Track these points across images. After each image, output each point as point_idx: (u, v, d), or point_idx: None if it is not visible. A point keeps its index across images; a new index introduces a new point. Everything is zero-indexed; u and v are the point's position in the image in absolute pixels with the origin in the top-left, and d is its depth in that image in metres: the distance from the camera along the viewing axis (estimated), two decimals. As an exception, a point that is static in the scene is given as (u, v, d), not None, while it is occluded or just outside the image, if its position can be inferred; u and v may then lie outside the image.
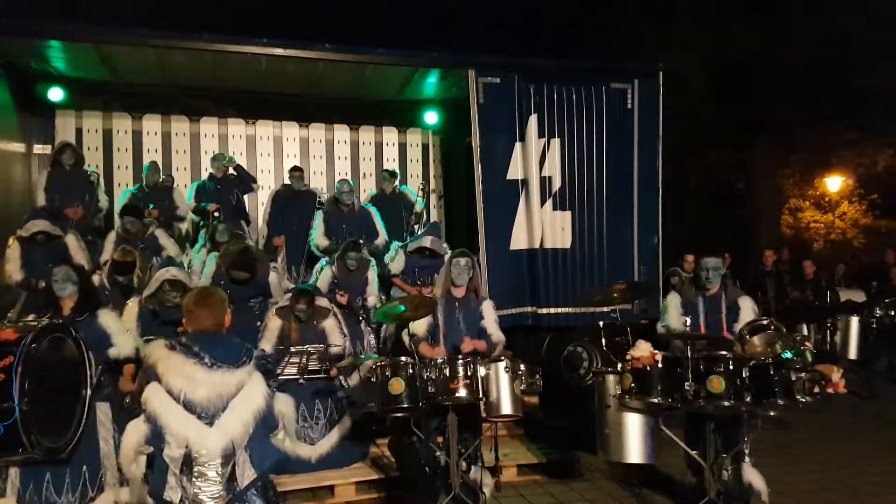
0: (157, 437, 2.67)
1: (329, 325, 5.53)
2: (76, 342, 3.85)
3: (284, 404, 3.36)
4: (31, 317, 4.14)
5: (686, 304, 4.79)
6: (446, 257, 5.29)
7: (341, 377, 5.64)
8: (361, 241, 6.65)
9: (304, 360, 4.89)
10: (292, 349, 5.01)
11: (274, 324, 5.41)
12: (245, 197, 7.93)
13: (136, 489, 3.07)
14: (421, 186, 8.37)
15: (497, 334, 4.94)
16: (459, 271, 4.87)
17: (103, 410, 4.06)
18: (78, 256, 6.35)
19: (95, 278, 5.75)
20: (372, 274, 6.62)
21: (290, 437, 3.55)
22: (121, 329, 4.27)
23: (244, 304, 5.84)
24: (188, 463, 2.67)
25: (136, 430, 2.78)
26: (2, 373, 3.39)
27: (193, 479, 2.67)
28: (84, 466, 3.90)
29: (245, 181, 7.74)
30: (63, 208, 6.88)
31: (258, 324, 5.63)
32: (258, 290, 6.07)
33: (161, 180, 7.55)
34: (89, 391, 3.85)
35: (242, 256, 5.95)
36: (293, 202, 7.70)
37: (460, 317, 4.87)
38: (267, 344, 5.30)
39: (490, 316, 4.96)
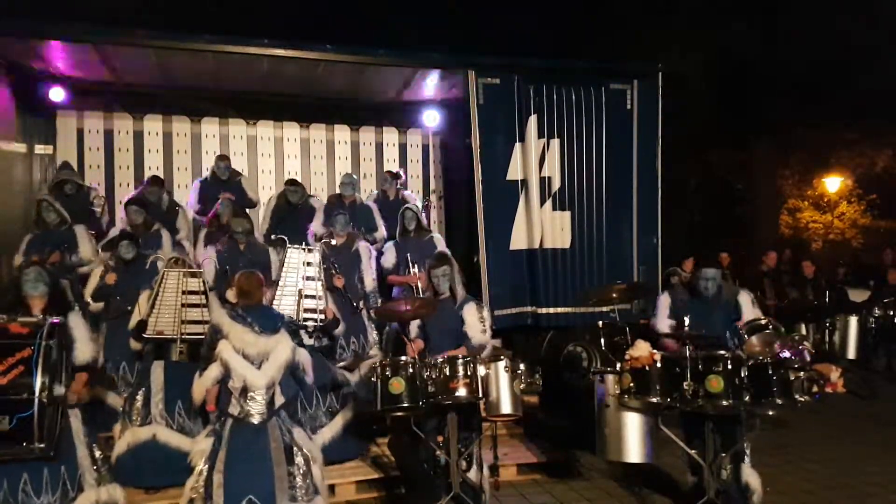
0: (225, 375, 3.99)
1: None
2: (58, 343, 3.80)
3: (303, 356, 4.27)
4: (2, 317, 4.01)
5: (679, 304, 4.80)
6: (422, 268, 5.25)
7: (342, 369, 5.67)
8: (361, 229, 6.68)
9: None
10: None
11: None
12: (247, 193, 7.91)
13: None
14: (425, 202, 8.36)
15: (477, 337, 4.66)
16: (438, 282, 4.79)
17: (75, 413, 4.03)
18: (84, 246, 6.44)
19: (99, 270, 5.85)
20: (362, 246, 6.61)
21: (309, 378, 4.41)
22: (85, 336, 4.17)
23: None
24: (244, 391, 3.95)
25: (213, 370, 4.00)
26: (21, 364, 3.40)
27: (247, 400, 3.95)
28: (62, 467, 3.85)
29: (244, 202, 7.71)
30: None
31: None
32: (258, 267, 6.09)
33: (163, 201, 7.43)
34: (63, 390, 3.80)
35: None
36: (291, 216, 7.59)
37: (447, 320, 4.79)
38: None
39: (470, 319, 4.71)
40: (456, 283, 4.86)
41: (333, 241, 6.53)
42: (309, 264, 5.64)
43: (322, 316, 5.50)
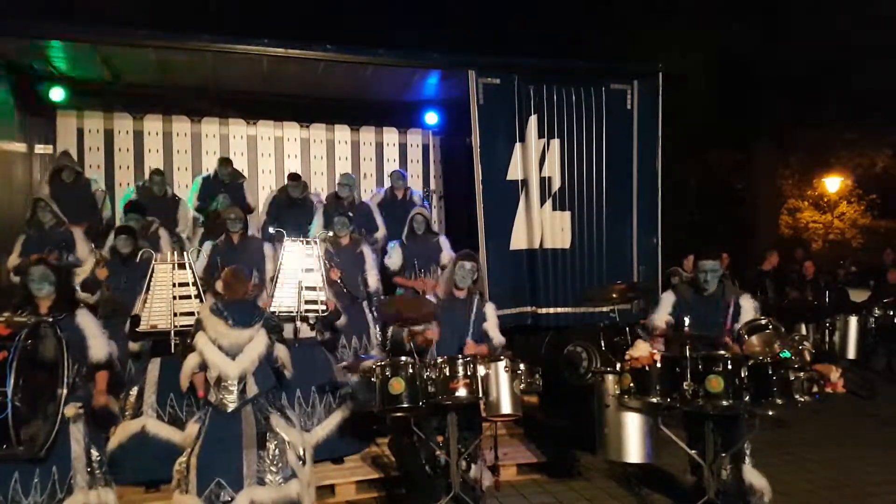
0: (202, 364, 4.29)
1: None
2: (59, 341, 3.82)
3: (282, 352, 4.55)
4: (5, 314, 3.99)
5: (682, 303, 4.79)
6: (450, 260, 5.30)
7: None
8: (362, 231, 6.68)
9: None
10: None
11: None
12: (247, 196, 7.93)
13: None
14: (425, 193, 8.39)
15: (498, 337, 4.95)
16: (464, 275, 4.87)
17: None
18: (82, 247, 6.47)
19: (91, 261, 5.89)
20: (367, 249, 6.59)
21: (288, 372, 4.63)
22: (96, 332, 4.21)
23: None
24: (218, 380, 4.24)
25: (193, 358, 4.31)
26: None
27: (221, 389, 4.23)
28: (54, 467, 3.80)
29: (242, 206, 7.70)
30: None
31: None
32: (252, 261, 6.08)
33: (166, 193, 7.52)
34: (65, 391, 3.81)
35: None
36: (290, 210, 7.65)
37: (461, 318, 4.87)
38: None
39: (492, 319, 4.96)
40: (482, 283, 5.03)
41: (341, 241, 6.52)
42: (308, 256, 5.66)
43: (324, 307, 5.52)
